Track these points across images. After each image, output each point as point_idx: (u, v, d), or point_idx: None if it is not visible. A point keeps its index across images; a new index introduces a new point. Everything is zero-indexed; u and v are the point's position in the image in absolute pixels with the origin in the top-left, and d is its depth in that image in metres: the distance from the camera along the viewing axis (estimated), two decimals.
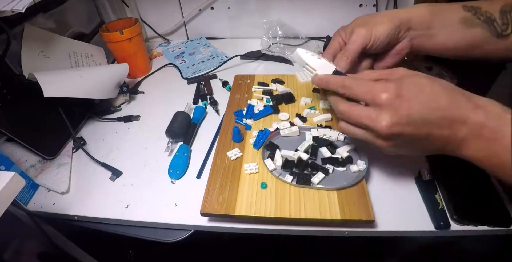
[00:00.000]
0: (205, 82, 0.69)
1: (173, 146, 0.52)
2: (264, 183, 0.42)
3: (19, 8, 0.45)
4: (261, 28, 0.78)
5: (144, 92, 0.69)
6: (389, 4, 0.80)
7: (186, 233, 0.43)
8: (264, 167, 0.44)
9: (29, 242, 0.51)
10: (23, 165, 0.50)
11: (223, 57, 0.80)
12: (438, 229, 0.39)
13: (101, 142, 0.57)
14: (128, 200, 0.45)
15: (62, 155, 0.53)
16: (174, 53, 0.84)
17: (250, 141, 0.48)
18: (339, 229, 0.40)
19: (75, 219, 0.45)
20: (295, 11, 0.83)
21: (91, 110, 0.62)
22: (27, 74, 0.51)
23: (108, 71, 0.61)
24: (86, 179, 0.50)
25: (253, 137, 0.49)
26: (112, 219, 0.44)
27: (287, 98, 0.55)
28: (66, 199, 0.47)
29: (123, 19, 0.75)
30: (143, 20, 0.89)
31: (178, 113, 0.56)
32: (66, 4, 0.67)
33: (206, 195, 0.41)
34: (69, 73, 0.56)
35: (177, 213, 0.43)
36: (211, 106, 0.62)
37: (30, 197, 0.47)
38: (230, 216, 0.39)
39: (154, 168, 0.50)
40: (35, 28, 0.57)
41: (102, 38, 0.68)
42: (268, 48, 0.77)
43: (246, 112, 0.54)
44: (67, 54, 0.63)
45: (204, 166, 0.50)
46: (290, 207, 0.39)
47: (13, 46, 0.51)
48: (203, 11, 0.86)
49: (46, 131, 0.53)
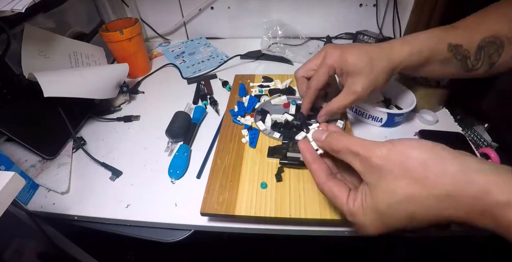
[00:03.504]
0: (205, 82, 0.69)
1: (173, 145, 0.52)
2: (264, 182, 0.42)
3: (19, 8, 0.45)
4: (261, 28, 0.78)
5: (144, 92, 0.69)
6: (389, 4, 0.80)
7: (186, 233, 0.43)
8: (264, 167, 0.44)
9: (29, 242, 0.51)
10: (23, 165, 0.50)
11: (223, 57, 0.80)
12: (438, 229, 0.39)
13: (101, 141, 0.57)
14: (128, 200, 0.45)
15: (62, 154, 0.53)
16: (174, 53, 0.84)
17: (243, 140, 0.49)
18: (339, 229, 0.40)
19: (75, 219, 0.45)
20: (295, 11, 0.83)
21: (91, 110, 0.62)
22: (27, 74, 0.51)
23: (108, 71, 0.61)
24: (86, 179, 0.50)
25: (245, 136, 0.49)
26: (112, 219, 0.44)
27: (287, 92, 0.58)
28: (66, 199, 0.47)
29: (123, 19, 0.75)
30: (143, 20, 0.89)
31: (178, 113, 0.56)
32: (66, 4, 0.67)
33: (206, 195, 0.41)
34: (69, 73, 0.56)
35: (177, 213, 0.43)
36: (211, 106, 0.62)
37: (30, 197, 0.47)
38: (230, 216, 0.39)
39: (154, 168, 0.50)
40: (35, 28, 0.57)
41: (102, 38, 0.68)
42: (268, 48, 0.77)
43: (238, 109, 0.55)
44: (67, 54, 0.63)
45: (204, 166, 0.50)
46: (290, 207, 0.39)
47: (13, 46, 0.51)
48: (203, 11, 0.86)
49: (46, 130, 0.53)
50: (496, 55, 0.43)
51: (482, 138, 0.55)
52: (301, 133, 0.47)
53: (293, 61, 0.76)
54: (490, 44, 0.43)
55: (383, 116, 0.53)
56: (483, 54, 0.43)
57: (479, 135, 0.56)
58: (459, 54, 0.43)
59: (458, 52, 0.43)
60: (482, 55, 0.43)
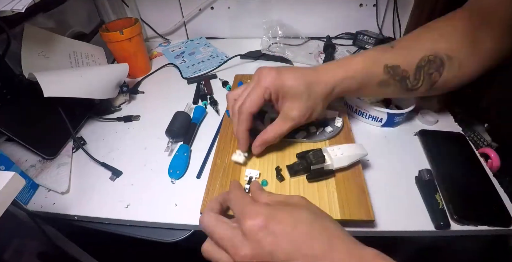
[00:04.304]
0: (205, 82, 0.69)
1: (173, 145, 0.52)
2: (265, 180, 0.42)
3: (19, 8, 0.45)
4: (261, 28, 0.78)
5: (144, 92, 0.69)
6: (389, 4, 0.80)
7: (186, 233, 0.43)
8: (264, 166, 0.44)
9: (29, 242, 0.51)
10: (23, 165, 0.50)
11: (223, 57, 0.80)
12: (438, 229, 0.39)
13: (101, 141, 0.57)
14: (128, 200, 0.45)
15: (62, 154, 0.53)
16: (174, 53, 0.84)
17: None
18: None
19: (75, 219, 0.45)
20: (295, 11, 0.83)
21: (91, 110, 0.62)
22: (27, 74, 0.51)
23: (108, 71, 0.61)
24: (86, 179, 0.50)
25: None
26: (112, 219, 0.44)
27: None
28: (66, 199, 0.47)
29: (123, 19, 0.75)
30: (143, 20, 0.89)
31: (178, 113, 0.56)
32: (66, 4, 0.67)
33: (206, 195, 0.41)
34: (69, 73, 0.56)
35: (177, 213, 0.43)
36: (211, 106, 0.62)
37: (30, 197, 0.47)
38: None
39: (154, 168, 0.50)
40: (35, 28, 0.57)
41: (102, 38, 0.68)
42: (268, 48, 0.77)
43: None
44: (67, 54, 0.63)
45: (204, 165, 0.50)
46: None
47: (13, 46, 0.51)
48: (203, 11, 0.86)
49: (46, 130, 0.53)
50: (437, 74, 0.43)
51: (482, 138, 0.55)
52: (301, 132, 0.47)
53: (293, 61, 0.76)
54: (429, 63, 0.42)
55: (383, 116, 0.53)
56: (423, 74, 0.43)
57: (479, 134, 0.56)
58: (397, 75, 0.43)
59: (396, 73, 0.43)
60: (421, 75, 0.43)
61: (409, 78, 0.43)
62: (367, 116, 0.54)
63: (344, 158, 0.41)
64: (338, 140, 0.48)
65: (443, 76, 0.43)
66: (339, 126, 0.49)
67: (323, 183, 0.41)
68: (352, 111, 0.56)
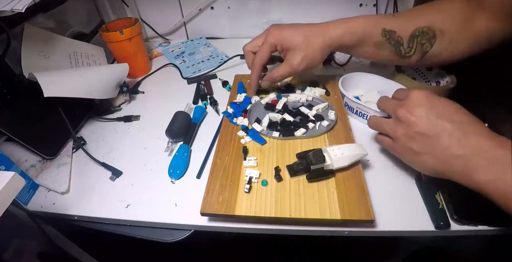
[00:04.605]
0: (205, 82, 0.69)
1: (173, 145, 0.52)
2: (264, 180, 0.42)
3: (19, 8, 0.45)
4: (261, 28, 0.78)
5: (144, 92, 0.69)
6: (389, 4, 0.80)
7: (186, 233, 0.43)
8: (264, 167, 0.44)
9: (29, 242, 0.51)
10: (23, 165, 0.50)
11: (223, 57, 0.80)
12: (438, 229, 0.39)
13: (101, 141, 0.57)
14: (128, 200, 0.45)
15: (62, 154, 0.53)
16: (174, 53, 0.84)
17: (243, 141, 0.49)
18: (339, 229, 0.40)
19: (75, 219, 0.45)
20: (295, 11, 0.83)
21: (91, 110, 0.62)
22: (27, 74, 0.51)
23: (108, 71, 0.61)
24: (86, 179, 0.50)
25: (244, 137, 0.49)
26: (112, 219, 0.44)
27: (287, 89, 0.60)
28: (66, 199, 0.47)
29: (123, 19, 0.75)
30: (143, 20, 0.89)
31: (178, 113, 0.56)
32: (66, 4, 0.67)
33: (206, 195, 0.41)
34: (69, 73, 0.56)
35: (177, 213, 0.43)
36: (211, 106, 0.62)
37: (30, 197, 0.47)
38: (230, 216, 0.39)
39: (154, 168, 0.50)
40: (35, 28, 0.57)
41: (102, 38, 0.68)
42: None
43: (235, 110, 0.55)
44: (67, 54, 0.63)
45: (204, 165, 0.50)
46: (290, 207, 0.39)
47: (13, 46, 0.52)
48: (203, 11, 0.86)
49: (46, 130, 0.53)
50: (428, 45, 0.47)
51: None
52: (300, 129, 0.48)
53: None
54: (423, 34, 0.46)
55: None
56: (416, 43, 0.47)
57: None
58: (392, 40, 0.47)
59: (392, 38, 0.47)
60: (414, 44, 0.47)
61: (403, 45, 0.48)
62: (367, 117, 0.54)
63: (344, 158, 0.41)
64: (338, 140, 0.48)
65: (434, 48, 0.47)
66: (334, 118, 0.51)
67: (323, 183, 0.41)
68: (352, 112, 0.56)
